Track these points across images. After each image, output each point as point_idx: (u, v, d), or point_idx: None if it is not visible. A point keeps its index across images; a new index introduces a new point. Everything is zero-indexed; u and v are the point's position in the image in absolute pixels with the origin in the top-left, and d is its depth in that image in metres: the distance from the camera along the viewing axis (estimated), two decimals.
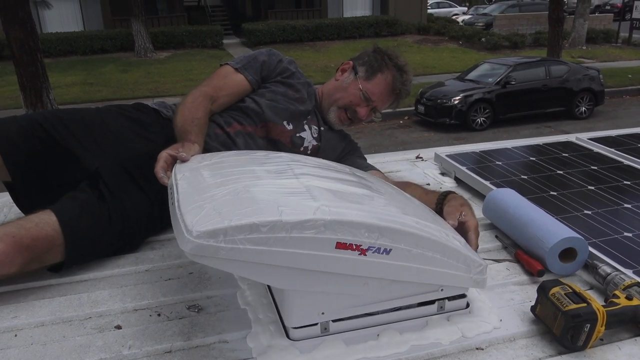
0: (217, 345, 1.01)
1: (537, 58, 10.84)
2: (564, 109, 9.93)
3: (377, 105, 1.69)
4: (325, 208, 0.90)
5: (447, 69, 14.06)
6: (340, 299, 0.99)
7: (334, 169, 1.19)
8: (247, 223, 0.83)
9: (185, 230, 0.84)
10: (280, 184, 0.99)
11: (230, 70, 1.66)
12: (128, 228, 1.35)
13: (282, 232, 0.85)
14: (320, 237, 0.87)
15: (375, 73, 1.67)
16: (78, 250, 1.24)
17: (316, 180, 1.04)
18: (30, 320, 1.09)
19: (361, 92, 1.65)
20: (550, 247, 1.20)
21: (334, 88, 1.72)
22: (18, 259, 1.13)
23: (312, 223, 0.87)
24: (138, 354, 0.98)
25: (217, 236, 0.82)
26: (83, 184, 1.37)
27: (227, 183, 0.98)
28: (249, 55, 1.71)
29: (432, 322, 1.05)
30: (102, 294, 1.18)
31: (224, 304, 1.14)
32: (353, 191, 1.05)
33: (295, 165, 1.12)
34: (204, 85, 1.61)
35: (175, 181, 1.04)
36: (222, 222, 0.83)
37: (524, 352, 0.99)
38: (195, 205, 0.90)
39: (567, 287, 1.02)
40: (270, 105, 1.63)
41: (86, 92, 12.21)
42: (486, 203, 1.47)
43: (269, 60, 1.69)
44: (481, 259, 1.06)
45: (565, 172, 1.76)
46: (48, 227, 1.19)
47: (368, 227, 0.91)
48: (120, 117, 1.57)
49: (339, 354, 0.97)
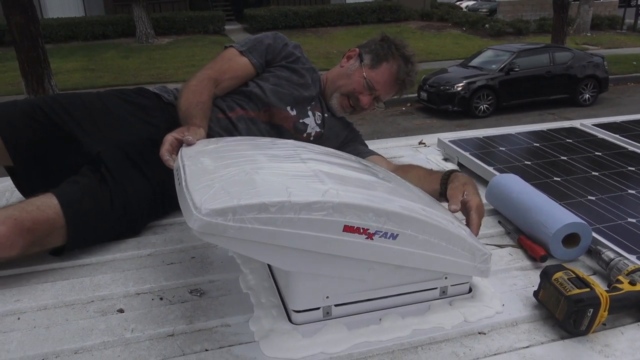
0: (219, 329, 1.01)
1: (541, 45, 10.75)
2: (567, 96, 9.87)
3: (380, 94, 1.67)
4: (334, 191, 0.90)
5: (451, 55, 13.97)
6: (345, 284, 0.99)
7: (340, 156, 1.19)
8: (256, 203, 0.83)
9: (194, 208, 0.83)
10: (288, 168, 0.99)
11: (235, 53, 1.64)
12: (130, 214, 1.35)
13: (290, 213, 0.84)
14: (328, 220, 0.87)
15: (380, 62, 1.65)
16: (80, 233, 1.24)
17: (324, 165, 1.03)
18: (33, 303, 1.09)
19: (365, 80, 1.63)
20: (554, 233, 1.20)
21: (338, 74, 1.70)
22: (19, 242, 1.13)
23: (320, 205, 0.86)
24: (141, 337, 0.99)
25: (226, 214, 0.82)
26: (84, 168, 1.36)
27: (235, 165, 0.97)
28: (254, 37, 1.69)
29: (434, 307, 1.05)
30: (105, 278, 1.18)
31: (226, 288, 1.14)
32: (360, 177, 1.05)
33: (302, 151, 1.11)
34: (207, 68, 1.59)
35: (182, 162, 1.03)
36: (231, 201, 0.83)
37: (526, 337, 0.99)
38: (204, 185, 0.89)
39: (570, 272, 1.02)
40: (274, 90, 1.61)
41: (87, 78, 12.17)
42: (489, 188, 1.46)
43: (274, 43, 1.67)
44: (486, 248, 1.06)
45: (569, 158, 1.75)
46: (49, 210, 1.19)
47: (376, 211, 0.91)
48: (121, 102, 1.56)
49: (341, 337, 0.97)
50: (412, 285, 1.04)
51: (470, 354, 0.95)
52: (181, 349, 0.95)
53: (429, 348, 0.96)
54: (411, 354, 0.95)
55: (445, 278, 1.05)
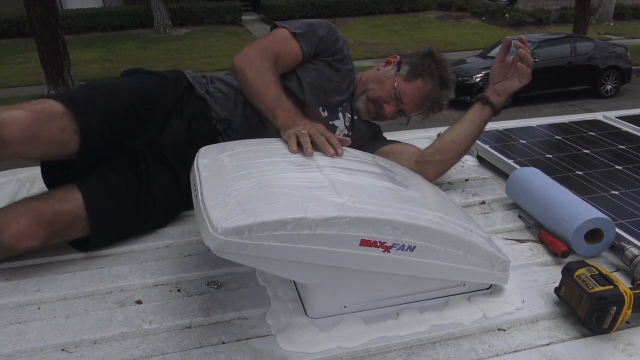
0: (236, 322, 1.01)
1: (563, 35, 10.55)
2: (588, 87, 9.69)
3: (406, 109, 1.62)
4: (350, 204, 0.89)
5: (469, 45, 13.79)
6: (363, 293, 0.99)
7: (357, 159, 1.17)
8: (272, 220, 0.83)
9: (210, 226, 0.83)
10: (304, 178, 0.98)
11: (288, 35, 1.54)
12: (154, 218, 1.35)
13: (306, 229, 0.84)
14: (345, 235, 0.87)
15: (416, 77, 1.59)
16: (101, 229, 1.24)
17: (340, 174, 1.02)
18: (53, 293, 1.10)
19: (395, 90, 1.58)
20: (576, 228, 1.17)
21: (372, 78, 1.64)
22: (40, 233, 1.14)
23: (336, 220, 0.86)
24: (159, 328, 0.99)
25: (242, 233, 0.82)
26: (120, 161, 1.32)
27: (250, 176, 0.97)
28: (307, 23, 1.59)
29: (453, 302, 1.04)
30: (123, 269, 1.19)
31: (243, 281, 1.14)
32: (377, 185, 1.04)
33: (317, 156, 1.10)
34: (264, 47, 1.48)
35: (198, 173, 1.03)
36: (247, 219, 0.83)
37: (546, 334, 0.97)
38: (220, 200, 0.89)
39: (593, 269, 1.00)
40: (312, 87, 1.55)
41: (106, 68, 12.28)
42: (509, 182, 1.44)
43: (327, 36, 1.58)
44: (505, 256, 1.05)
45: (591, 151, 1.71)
46: (71, 203, 1.20)
47: (392, 224, 0.90)
48: (163, 93, 1.47)
49: (359, 332, 0.96)
50: (431, 294, 1.04)
51: (489, 350, 0.93)
52: (198, 341, 0.96)
53: (448, 344, 0.95)
54: (429, 350, 0.94)
55: (464, 285, 1.05)
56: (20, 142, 1.10)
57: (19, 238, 1.12)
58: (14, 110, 1.11)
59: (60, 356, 0.93)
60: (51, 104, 1.17)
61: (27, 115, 1.11)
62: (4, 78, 11.73)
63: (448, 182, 1.63)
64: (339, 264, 0.90)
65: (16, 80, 11.46)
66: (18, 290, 1.11)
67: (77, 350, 0.94)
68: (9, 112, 1.11)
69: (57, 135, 1.16)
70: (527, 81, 1.50)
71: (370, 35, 15.50)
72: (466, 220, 1.09)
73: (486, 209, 1.46)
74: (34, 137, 1.12)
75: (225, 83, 1.57)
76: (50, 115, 1.14)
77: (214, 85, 1.57)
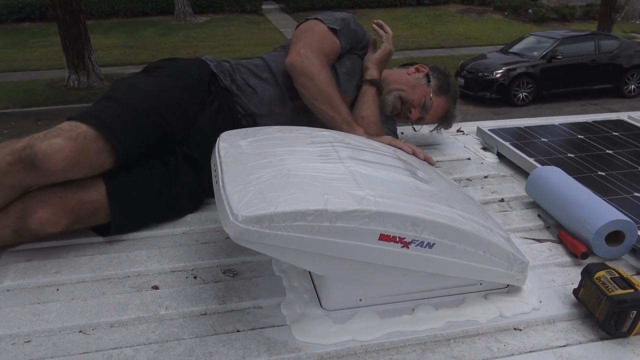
0: (251, 310, 1.02)
1: (587, 32, 10.36)
2: (611, 86, 9.52)
3: (426, 118, 1.74)
4: (371, 198, 0.89)
5: (491, 40, 13.62)
6: (379, 287, 0.99)
7: (378, 152, 1.16)
8: (293, 210, 0.83)
9: (231, 214, 0.83)
10: (325, 168, 0.97)
11: (328, 32, 1.57)
12: (176, 209, 1.36)
13: (326, 222, 0.84)
14: (364, 228, 0.86)
15: (444, 93, 1.73)
16: (123, 218, 1.26)
17: (361, 166, 1.02)
18: (71, 276, 1.12)
19: (425, 99, 1.69)
20: (597, 229, 1.15)
21: (404, 80, 1.73)
22: (64, 220, 1.16)
23: (357, 214, 0.85)
24: (174, 314, 1.00)
25: (263, 222, 0.82)
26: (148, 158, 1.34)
27: (271, 164, 0.97)
28: (341, 17, 1.63)
29: (469, 300, 1.03)
30: (140, 254, 1.20)
31: (259, 270, 1.14)
32: (398, 179, 1.03)
33: (339, 147, 1.09)
34: (317, 48, 1.51)
35: (219, 159, 1.03)
36: (267, 208, 0.82)
37: (563, 335, 0.96)
38: (241, 187, 0.89)
39: (613, 272, 0.98)
40: (347, 76, 1.60)
41: (126, 54, 12.37)
42: (530, 181, 1.42)
43: (358, 30, 1.67)
44: (524, 256, 1.04)
45: (615, 152, 1.68)
46: (94, 192, 1.21)
47: (412, 220, 0.89)
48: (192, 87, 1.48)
49: (373, 326, 0.96)
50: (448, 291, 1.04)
51: (504, 349, 0.93)
52: (213, 328, 0.96)
53: (462, 341, 0.95)
54: (443, 347, 0.94)
55: (480, 284, 1.04)
56: (63, 170, 1.13)
57: (42, 224, 1.14)
58: (54, 140, 1.12)
59: (78, 337, 0.94)
60: (84, 130, 1.18)
61: (66, 143, 1.13)
62: (26, 61, 11.89)
63: (467, 179, 1.62)
64: (357, 258, 0.89)
65: (38, 64, 11.60)
66: (38, 271, 1.13)
67: (94, 333, 0.96)
68: (49, 141, 1.11)
69: (95, 159, 1.19)
70: (387, 46, 1.68)
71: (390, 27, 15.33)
72: (486, 218, 1.08)
73: (505, 207, 1.44)
74: (75, 164, 1.14)
75: (253, 74, 1.56)
76: (86, 141, 1.16)
77: (241, 75, 1.56)
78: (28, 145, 1.11)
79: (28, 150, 1.10)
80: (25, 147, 1.11)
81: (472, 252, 0.96)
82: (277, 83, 1.56)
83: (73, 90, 9.18)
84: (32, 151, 1.10)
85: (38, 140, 1.12)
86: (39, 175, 1.12)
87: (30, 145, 1.11)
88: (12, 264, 1.16)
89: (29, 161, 1.09)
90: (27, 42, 13.97)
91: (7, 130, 7.77)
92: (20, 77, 10.45)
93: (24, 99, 8.92)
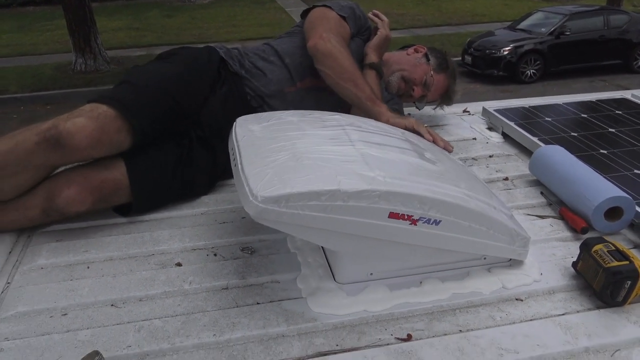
0: (269, 285, 1.09)
1: (596, 7, 10.22)
2: (621, 62, 9.43)
3: (428, 95, 1.81)
4: (381, 179, 0.95)
5: (498, 17, 13.46)
6: (389, 262, 1.05)
7: (387, 134, 1.22)
8: (308, 191, 0.89)
9: (250, 194, 0.90)
10: (337, 151, 1.03)
11: (338, 17, 1.66)
12: (192, 188, 1.43)
13: (339, 201, 0.90)
14: (375, 207, 0.93)
15: (443, 70, 1.81)
16: (143, 197, 1.33)
17: (371, 148, 1.08)
18: (100, 254, 1.19)
19: (426, 77, 1.77)
20: (597, 205, 1.21)
21: (405, 60, 1.80)
22: (89, 199, 1.23)
23: (367, 193, 0.92)
24: (198, 289, 1.07)
25: (280, 202, 0.88)
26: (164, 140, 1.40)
27: (286, 147, 1.03)
28: (345, 5, 1.72)
29: (473, 273, 1.10)
30: (163, 233, 1.27)
31: (275, 247, 1.21)
32: (406, 160, 1.09)
33: (350, 130, 1.15)
34: (337, 33, 1.58)
35: (237, 143, 1.09)
36: (284, 189, 0.89)
37: (562, 305, 1.03)
38: (259, 170, 0.95)
39: (610, 245, 1.04)
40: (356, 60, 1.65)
41: (132, 37, 12.36)
42: (533, 160, 1.47)
43: (362, 15, 1.75)
44: (525, 232, 1.10)
45: (617, 130, 1.73)
46: (116, 171, 1.28)
47: (420, 199, 0.95)
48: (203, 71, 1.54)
49: (383, 298, 1.03)
50: (453, 265, 1.10)
51: (506, 318, 0.99)
52: (235, 301, 1.04)
53: (467, 311, 1.02)
54: (449, 316, 1.00)
55: (484, 258, 1.10)
56: (86, 148, 1.20)
57: (69, 202, 1.21)
58: (77, 119, 1.20)
59: (110, 310, 1.02)
60: (104, 110, 1.25)
61: (88, 122, 1.20)
62: (32, 45, 11.92)
63: (472, 158, 1.67)
64: (368, 234, 0.96)
65: (44, 48, 11.63)
66: (68, 250, 1.21)
67: (125, 306, 1.03)
68: (73, 121, 1.19)
69: (115, 137, 1.26)
70: (383, 31, 1.76)
71: (397, 5, 15.21)
72: (490, 196, 1.14)
73: (509, 185, 1.50)
74: (97, 142, 1.22)
75: (260, 58, 1.63)
76: (106, 120, 1.24)
77: (249, 59, 1.63)
78: (53, 126, 1.18)
79: (53, 130, 1.17)
80: (50, 128, 1.18)
81: (477, 229, 1.03)
82: (283, 64, 1.63)
83: (80, 73, 9.23)
84: (57, 130, 1.17)
85: (62, 121, 1.19)
86: (64, 153, 1.19)
87: (55, 125, 1.18)
88: (44, 244, 1.23)
89: (54, 140, 1.17)
90: (32, 26, 13.98)
91: (17, 114, 7.87)
92: (28, 61, 10.50)
93: (32, 83, 8.98)
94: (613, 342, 0.94)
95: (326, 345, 0.93)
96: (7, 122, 7.55)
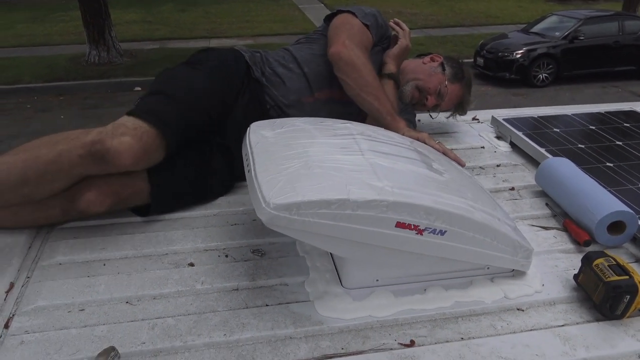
0: (278, 287, 1.12)
1: (611, 12, 10.16)
2: (634, 68, 9.36)
3: (442, 105, 1.81)
4: (389, 189, 0.98)
5: (512, 19, 13.41)
6: (394, 269, 1.09)
7: (396, 144, 1.25)
8: (319, 199, 0.93)
9: (263, 201, 0.94)
10: (348, 160, 1.07)
11: (362, 25, 1.67)
12: (209, 194, 1.47)
13: (348, 210, 0.94)
14: (383, 216, 0.97)
15: (458, 80, 1.80)
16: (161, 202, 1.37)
17: (380, 158, 1.11)
18: (115, 252, 1.24)
19: (440, 87, 1.76)
20: (600, 219, 1.24)
21: (421, 69, 1.80)
22: (108, 201, 1.27)
23: (376, 203, 0.95)
24: (209, 289, 1.12)
25: (291, 209, 0.92)
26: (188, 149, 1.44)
27: (298, 155, 1.06)
28: (368, 12, 1.72)
29: (476, 282, 1.13)
30: (176, 233, 1.32)
31: (285, 251, 1.25)
32: (414, 170, 1.12)
33: (360, 139, 1.18)
34: (359, 42, 1.60)
35: (250, 150, 1.13)
36: (296, 197, 0.93)
37: (562, 316, 1.06)
38: (271, 177, 0.99)
39: (611, 259, 1.07)
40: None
41: (145, 30, 12.44)
42: (539, 171, 1.49)
43: (384, 24, 1.76)
44: (529, 244, 1.13)
45: (624, 143, 1.75)
46: (136, 176, 1.32)
47: (427, 209, 0.99)
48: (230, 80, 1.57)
49: (388, 303, 1.06)
50: (457, 274, 1.13)
51: (507, 327, 1.03)
52: (245, 302, 1.08)
53: (469, 319, 1.05)
54: (452, 323, 1.04)
55: (487, 268, 1.13)
56: (128, 166, 1.24)
57: (89, 205, 1.25)
58: (123, 138, 1.22)
59: (125, 307, 1.06)
60: (147, 129, 1.28)
61: (134, 143, 1.23)
62: (46, 36, 12.04)
63: (480, 167, 1.70)
64: (375, 242, 0.99)
65: (58, 39, 11.74)
66: (85, 247, 1.25)
67: (139, 304, 1.07)
68: (119, 139, 1.21)
69: (154, 155, 1.31)
70: (403, 41, 1.79)
71: (410, 4, 15.19)
72: (494, 208, 1.17)
73: (515, 195, 1.52)
74: (139, 161, 1.26)
75: (280, 64, 1.66)
76: (149, 140, 1.27)
77: (269, 66, 1.65)
78: (98, 141, 1.20)
79: (99, 146, 1.20)
80: (95, 142, 1.20)
81: (481, 240, 1.06)
82: (302, 73, 1.65)
83: (94, 65, 9.32)
84: (103, 147, 1.19)
85: (108, 137, 1.21)
86: (106, 168, 1.23)
87: (101, 140, 1.20)
88: (61, 241, 1.28)
89: (100, 155, 1.20)
90: (46, 16, 14.11)
91: (30, 104, 7.96)
92: (42, 52, 10.61)
93: (45, 74, 9.08)
94: (611, 355, 0.97)
95: (332, 348, 0.97)
96: (21, 111, 7.66)
